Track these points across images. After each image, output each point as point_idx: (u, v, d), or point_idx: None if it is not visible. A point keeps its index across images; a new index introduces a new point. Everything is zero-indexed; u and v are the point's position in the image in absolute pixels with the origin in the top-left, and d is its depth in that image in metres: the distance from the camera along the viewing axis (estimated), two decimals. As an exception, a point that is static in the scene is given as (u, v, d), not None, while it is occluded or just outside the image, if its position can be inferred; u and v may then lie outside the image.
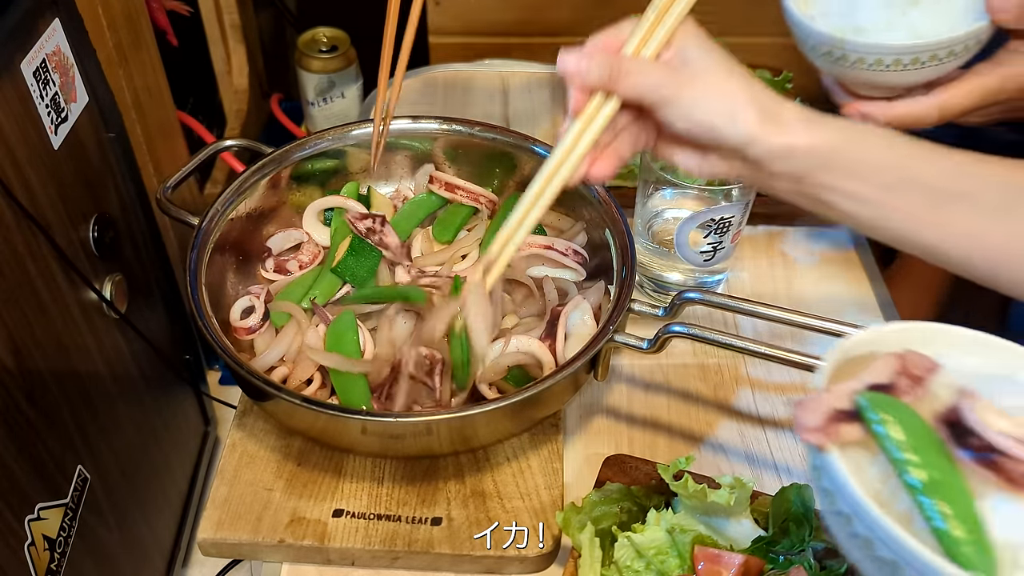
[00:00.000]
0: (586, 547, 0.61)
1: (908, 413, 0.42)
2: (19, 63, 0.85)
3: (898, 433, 0.41)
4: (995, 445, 0.40)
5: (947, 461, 0.41)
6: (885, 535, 0.38)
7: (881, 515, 0.38)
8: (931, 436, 0.41)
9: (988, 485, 0.40)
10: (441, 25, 1.61)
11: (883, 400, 0.42)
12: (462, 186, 0.85)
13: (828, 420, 0.41)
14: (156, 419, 1.25)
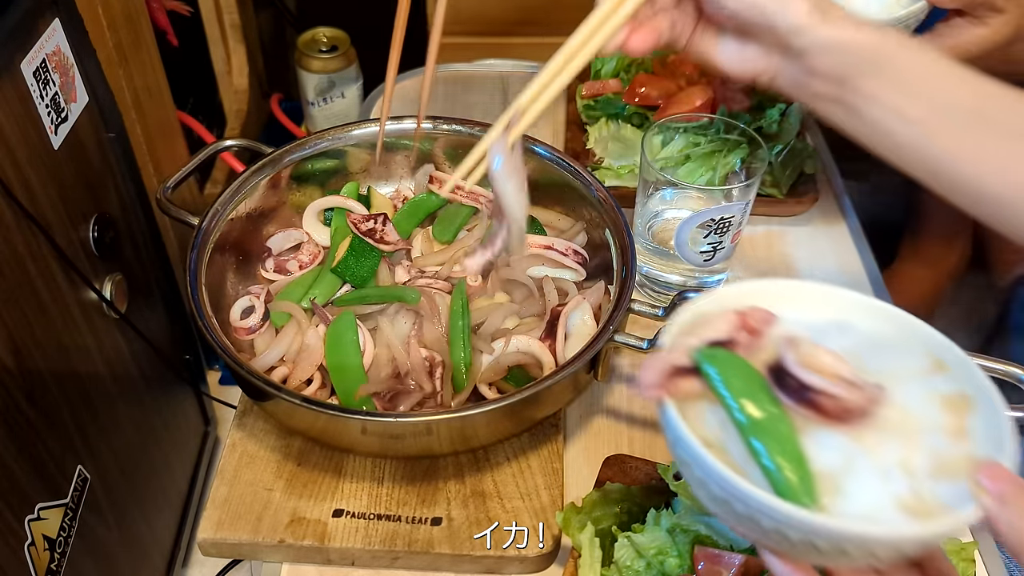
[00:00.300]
0: (586, 547, 0.61)
1: (740, 364, 0.45)
2: (19, 63, 0.85)
3: (729, 382, 0.44)
4: (809, 384, 0.43)
5: (773, 404, 0.44)
6: (715, 474, 0.41)
7: (708, 454, 0.41)
8: (760, 383, 0.45)
9: (809, 422, 0.44)
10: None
11: (717, 354, 0.45)
12: (462, 186, 0.85)
13: (667, 376, 0.45)
14: (156, 419, 1.25)
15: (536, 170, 0.85)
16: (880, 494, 0.42)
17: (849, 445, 0.43)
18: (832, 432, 0.44)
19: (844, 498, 0.42)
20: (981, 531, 0.67)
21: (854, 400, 0.43)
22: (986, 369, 0.65)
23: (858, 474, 0.43)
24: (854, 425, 0.44)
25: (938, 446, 0.44)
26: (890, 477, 0.43)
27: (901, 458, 0.43)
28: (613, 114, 1.00)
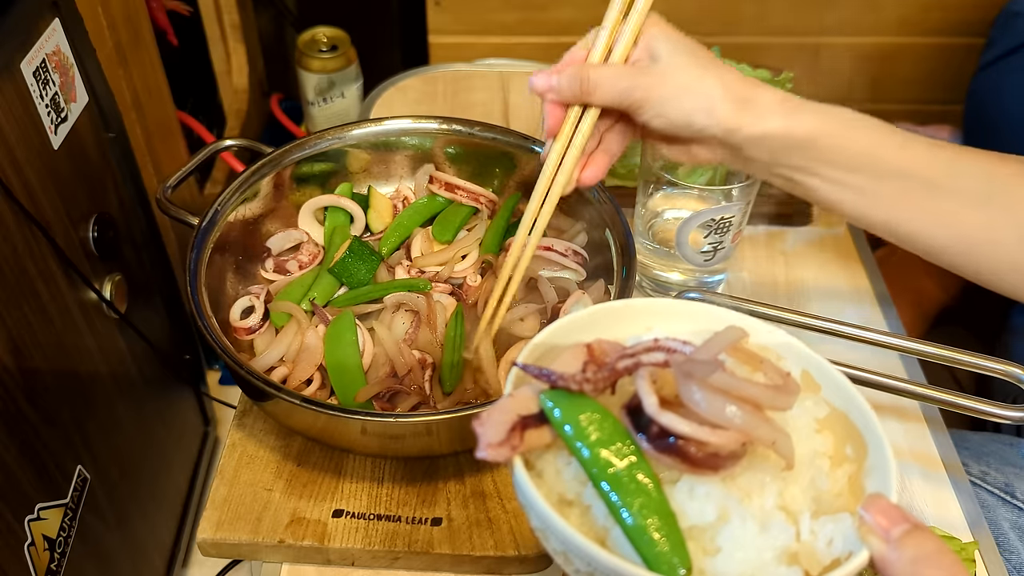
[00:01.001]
0: (586, 547, 0.60)
1: (590, 406, 0.39)
2: (19, 63, 0.85)
3: (578, 428, 0.38)
4: (670, 429, 0.37)
5: (634, 453, 0.38)
6: (575, 547, 0.36)
7: (566, 525, 0.36)
8: (617, 429, 0.39)
9: (674, 471, 0.39)
10: (441, 25, 1.61)
11: (563, 396, 0.39)
12: (462, 186, 0.85)
13: (513, 429, 0.38)
14: (156, 419, 1.25)
15: (536, 170, 0.85)
16: (760, 548, 0.38)
17: (722, 494, 0.39)
18: (702, 481, 0.39)
19: (721, 557, 0.38)
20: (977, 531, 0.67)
21: (723, 444, 0.38)
22: (986, 369, 0.66)
23: (733, 526, 0.38)
24: (728, 468, 0.38)
25: (817, 478, 0.40)
26: (770, 526, 0.38)
27: (781, 500, 0.39)
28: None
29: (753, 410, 0.38)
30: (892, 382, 0.68)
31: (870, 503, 0.37)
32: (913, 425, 0.78)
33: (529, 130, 0.87)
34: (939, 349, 0.67)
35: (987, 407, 0.64)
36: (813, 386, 0.44)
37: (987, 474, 0.82)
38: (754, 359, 0.42)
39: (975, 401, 0.65)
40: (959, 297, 1.31)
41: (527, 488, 0.37)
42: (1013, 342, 1.15)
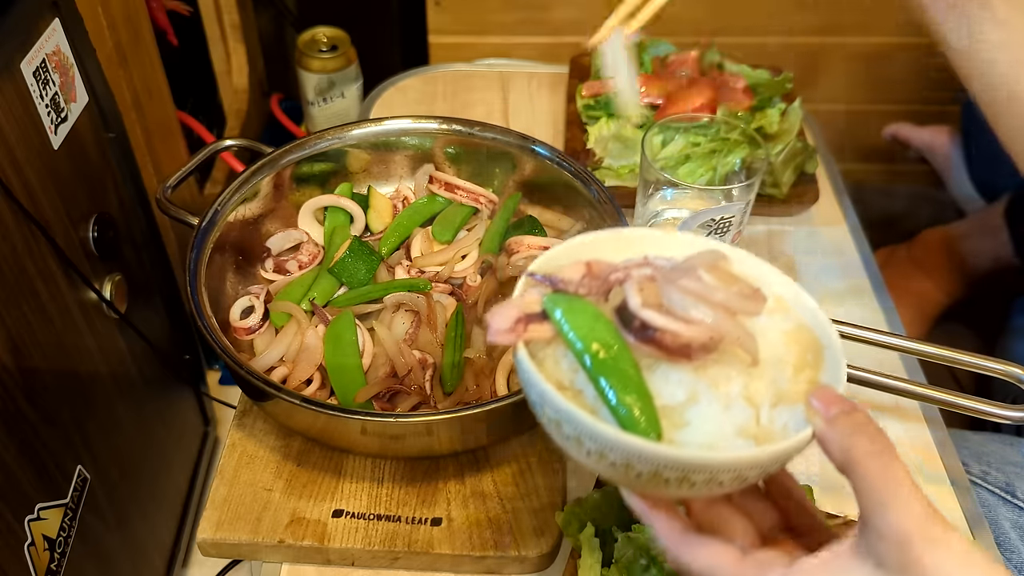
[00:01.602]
0: (586, 547, 0.61)
1: (585, 307, 0.46)
2: (19, 63, 0.85)
3: (574, 324, 0.45)
4: (649, 323, 0.44)
5: (619, 345, 0.45)
6: (563, 412, 0.43)
7: (556, 393, 0.43)
8: (607, 325, 0.46)
9: (653, 359, 0.45)
10: (441, 25, 1.61)
11: (564, 298, 0.47)
12: (462, 186, 0.85)
13: (518, 322, 0.46)
14: (156, 419, 1.25)
15: (536, 170, 0.85)
16: (722, 423, 0.45)
17: (693, 380, 0.45)
18: (677, 369, 0.45)
19: (688, 429, 0.45)
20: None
21: (694, 336, 0.44)
22: (986, 369, 0.66)
23: (701, 406, 0.45)
24: (699, 360, 0.45)
25: (779, 378, 0.46)
26: (732, 408, 0.45)
27: (745, 391, 0.46)
28: (613, 114, 1.00)
29: (724, 312, 0.45)
30: (892, 382, 0.68)
31: (818, 391, 0.43)
32: (913, 425, 0.78)
33: (529, 130, 0.87)
34: (939, 349, 0.68)
35: (987, 407, 0.64)
36: (784, 307, 0.50)
37: (987, 474, 0.82)
38: (731, 278, 0.47)
39: (975, 401, 0.65)
40: (959, 298, 1.31)
41: (527, 366, 0.44)
42: (1013, 342, 1.15)
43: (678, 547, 0.46)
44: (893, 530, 0.39)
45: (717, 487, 0.43)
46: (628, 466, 0.42)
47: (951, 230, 1.32)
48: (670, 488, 0.43)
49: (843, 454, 0.41)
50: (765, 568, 0.44)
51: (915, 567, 0.39)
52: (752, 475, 0.44)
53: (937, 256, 1.30)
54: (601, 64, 0.60)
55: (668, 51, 1.06)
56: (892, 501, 0.40)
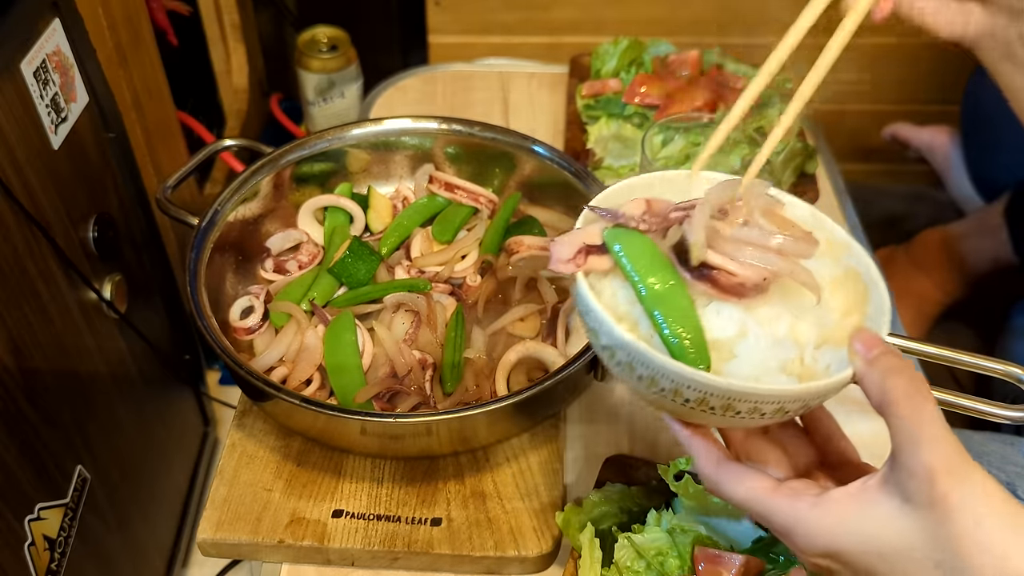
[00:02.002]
0: (586, 548, 0.60)
1: (643, 241, 0.49)
2: (19, 63, 0.85)
3: (633, 257, 0.48)
4: (707, 261, 0.47)
5: (674, 279, 0.48)
6: (619, 340, 0.45)
7: (612, 320, 0.46)
8: (663, 260, 0.48)
9: (707, 296, 0.48)
10: (441, 25, 1.61)
11: (623, 232, 0.49)
12: (462, 186, 0.85)
13: (579, 252, 0.48)
14: (156, 419, 1.25)
15: (536, 170, 0.85)
16: (767, 359, 0.47)
17: (743, 316, 0.48)
18: (728, 305, 0.48)
19: (736, 362, 0.47)
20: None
21: (748, 276, 0.47)
22: (986, 369, 0.66)
23: (749, 341, 0.47)
24: (751, 299, 0.47)
25: (825, 320, 0.49)
26: (779, 345, 0.47)
27: (790, 330, 0.48)
28: (613, 114, 1.00)
29: (778, 255, 0.47)
30: (892, 382, 0.68)
31: (859, 333, 0.45)
32: (913, 425, 0.77)
33: (529, 130, 0.87)
34: (939, 349, 0.67)
35: (987, 407, 0.64)
36: (835, 252, 0.52)
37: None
38: (785, 222, 0.50)
39: (975, 401, 0.65)
40: (959, 297, 1.31)
41: (586, 294, 0.47)
42: (1013, 342, 1.15)
43: (716, 473, 0.48)
44: (922, 467, 0.41)
45: (759, 417, 0.46)
46: (676, 392, 0.45)
47: (951, 230, 1.32)
48: (715, 416, 0.46)
49: (881, 394, 0.43)
50: (797, 496, 0.45)
51: (941, 503, 0.41)
52: (793, 408, 0.46)
53: (937, 256, 1.30)
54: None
55: (668, 51, 1.06)
56: (922, 439, 0.41)
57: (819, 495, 0.45)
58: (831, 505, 0.44)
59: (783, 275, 0.47)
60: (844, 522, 0.44)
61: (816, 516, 0.44)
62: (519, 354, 0.73)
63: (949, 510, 0.40)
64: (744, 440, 0.52)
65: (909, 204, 1.51)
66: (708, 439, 0.49)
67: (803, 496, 0.45)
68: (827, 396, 0.47)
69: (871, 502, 0.43)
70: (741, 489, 0.47)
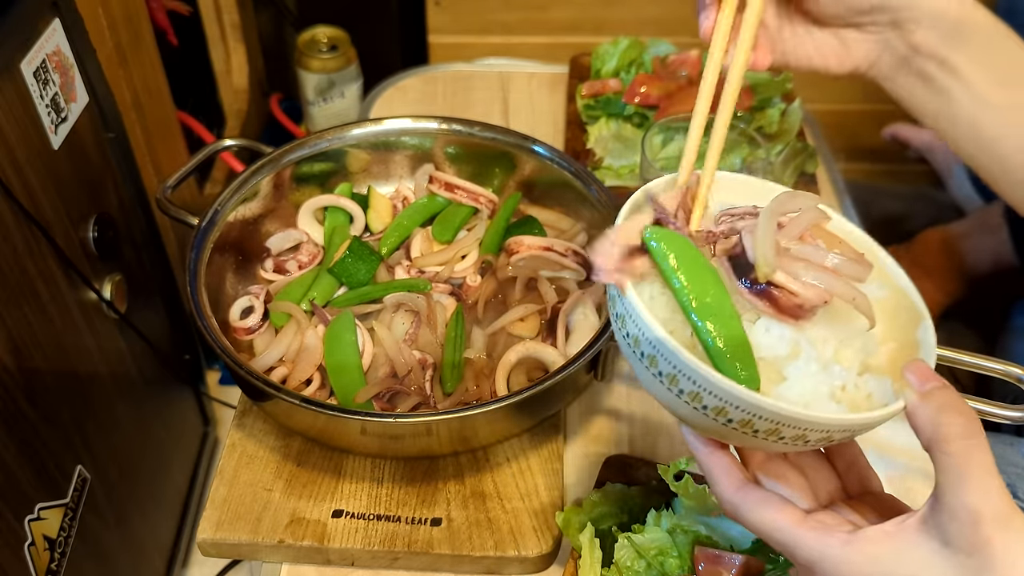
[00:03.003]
0: (586, 548, 0.60)
1: (686, 245, 0.46)
2: (19, 63, 0.85)
3: (679, 262, 0.45)
4: (774, 280, 0.45)
5: (718, 288, 0.45)
6: (667, 350, 0.43)
7: (663, 331, 0.43)
8: (705, 265, 0.46)
9: (761, 312, 0.45)
10: (441, 25, 1.61)
11: (666, 234, 0.46)
12: (462, 186, 0.85)
13: (623, 257, 0.46)
14: (156, 419, 1.25)
15: (536, 170, 0.85)
16: (818, 383, 0.45)
17: (796, 336, 0.45)
18: (781, 323, 0.45)
19: (786, 385, 0.45)
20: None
21: (809, 298, 0.45)
22: (986, 369, 0.66)
23: (800, 363, 0.45)
24: (804, 320, 0.45)
25: (868, 347, 0.47)
26: (828, 370, 0.45)
27: (835, 355, 0.46)
28: (613, 114, 1.00)
29: (835, 274, 0.46)
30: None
31: (912, 365, 0.43)
32: (913, 425, 0.77)
33: (529, 130, 0.87)
34: (939, 349, 0.67)
35: (987, 407, 0.64)
36: (882, 274, 0.51)
37: (987, 474, 0.82)
38: (833, 239, 0.48)
39: (975, 401, 0.65)
40: (959, 297, 1.31)
41: (634, 301, 0.44)
42: (1013, 342, 1.15)
43: (737, 498, 0.46)
44: (967, 509, 0.39)
45: (802, 444, 0.44)
46: (721, 411, 0.43)
47: (951, 230, 1.32)
48: (757, 437, 0.44)
49: (932, 430, 0.41)
50: (827, 532, 0.43)
51: (984, 548, 0.39)
52: (838, 437, 0.44)
53: (937, 256, 1.30)
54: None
55: (668, 51, 1.06)
56: (971, 481, 0.39)
57: (852, 532, 0.43)
58: (864, 544, 0.42)
59: (842, 298, 0.45)
60: (878, 562, 0.41)
61: (847, 554, 0.42)
62: (519, 354, 0.73)
63: (992, 556, 0.38)
64: (765, 462, 0.49)
65: (909, 204, 1.51)
66: (728, 459, 0.47)
67: (834, 532, 0.43)
68: (874, 427, 0.45)
69: (909, 543, 0.41)
70: (766, 518, 0.45)
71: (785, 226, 0.47)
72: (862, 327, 0.47)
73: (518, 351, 0.73)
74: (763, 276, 0.45)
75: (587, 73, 1.09)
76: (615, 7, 1.56)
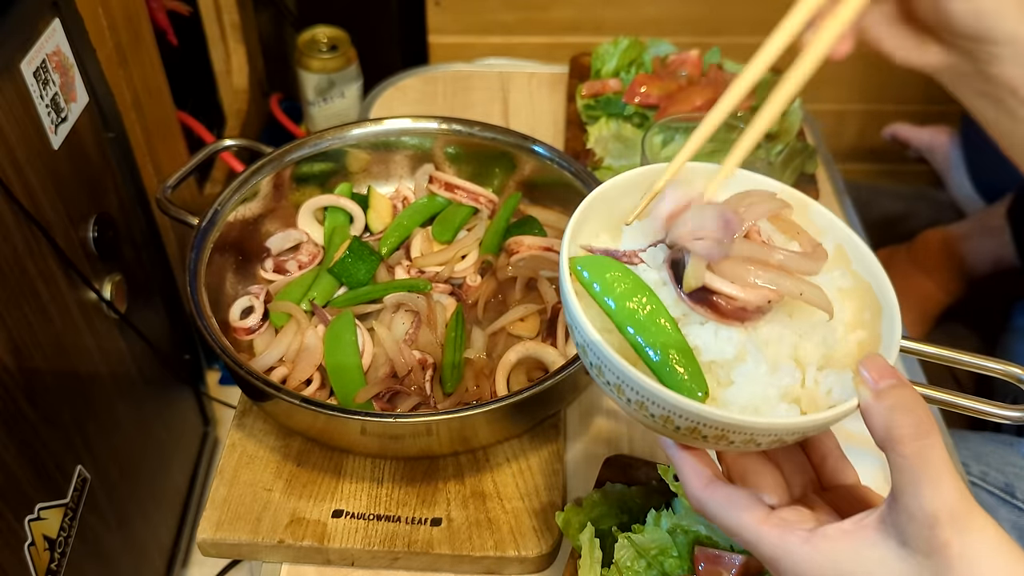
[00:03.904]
0: (586, 548, 0.60)
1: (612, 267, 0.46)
2: (19, 63, 0.85)
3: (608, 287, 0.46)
4: (708, 286, 0.44)
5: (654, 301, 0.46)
6: (607, 360, 0.43)
7: (601, 340, 0.43)
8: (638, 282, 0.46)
9: (702, 317, 0.45)
10: (441, 25, 1.61)
11: (588, 259, 0.47)
12: (462, 186, 0.85)
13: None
14: (156, 419, 1.25)
15: (536, 170, 0.85)
16: (767, 386, 0.44)
17: (743, 339, 0.45)
18: (728, 327, 0.45)
19: (733, 388, 0.45)
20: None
21: (750, 300, 0.44)
22: (986, 369, 0.66)
23: (748, 366, 0.45)
24: (752, 320, 0.45)
25: (830, 338, 0.46)
26: (779, 370, 0.45)
27: (794, 352, 0.45)
28: (613, 114, 1.00)
29: (780, 271, 0.45)
30: (892, 382, 0.68)
31: (868, 360, 0.42)
32: (913, 425, 0.77)
33: (529, 130, 0.87)
34: (939, 349, 0.67)
35: (987, 407, 0.64)
36: (844, 259, 0.49)
37: (987, 474, 0.82)
38: (792, 228, 0.48)
39: (975, 401, 0.65)
40: (960, 298, 1.31)
41: (574, 308, 0.45)
42: (1013, 342, 1.15)
43: (704, 495, 0.46)
44: (924, 511, 0.39)
45: (754, 446, 0.44)
46: (667, 419, 0.43)
47: (952, 230, 1.32)
48: (707, 443, 0.44)
49: (885, 430, 0.40)
50: (788, 529, 0.43)
51: (942, 551, 0.38)
52: (791, 439, 0.44)
53: (937, 256, 1.30)
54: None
55: (668, 51, 1.06)
56: (926, 482, 0.39)
57: (811, 530, 0.43)
58: (823, 542, 0.42)
59: (789, 294, 0.45)
60: (835, 562, 0.41)
61: (806, 552, 0.42)
62: (519, 354, 0.73)
63: (949, 559, 0.38)
64: (738, 459, 0.49)
65: (909, 204, 1.51)
66: (698, 457, 0.47)
67: (794, 529, 0.43)
68: (827, 428, 0.45)
69: (866, 542, 0.41)
70: (731, 515, 0.45)
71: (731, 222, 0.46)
72: (823, 319, 0.46)
73: (518, 351, 0.73)
74: (687, 287, 0.45)
75: (587, 73, 1.09)
76: (615, 7, 1.56)
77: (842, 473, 0.49)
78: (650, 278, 0.47)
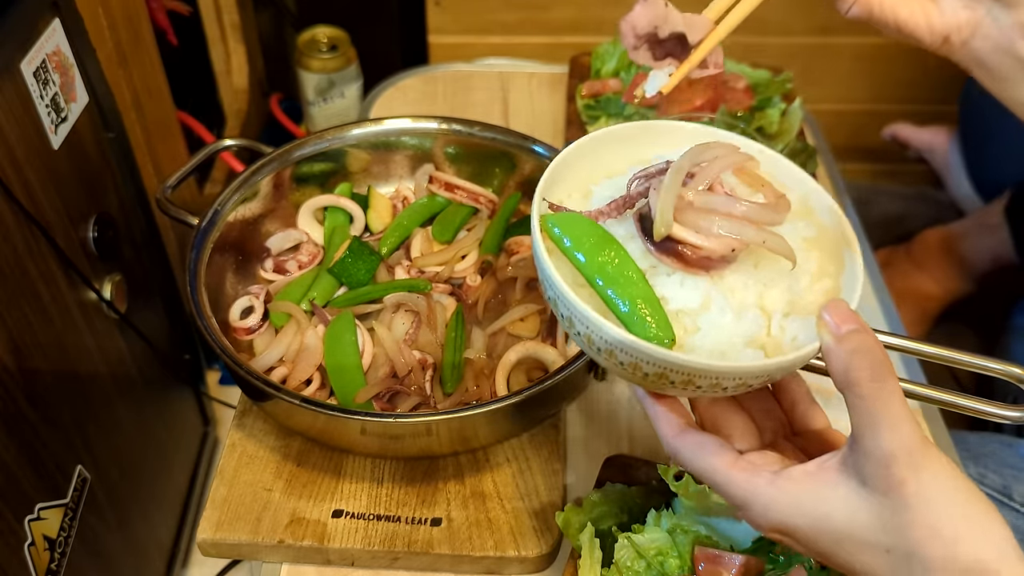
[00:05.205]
0: (586, 548, 0.60)
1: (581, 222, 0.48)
2: (19, 63, 0.85)
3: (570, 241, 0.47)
4: (673, 236, 0.46)
5: (621, 255, 0.47)
6: (576, 310, 0.45)
7: (569, 291, 0.45)
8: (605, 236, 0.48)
9: (669, 268, 0.47)
10: (441, 25, 1.61)
11: (559, 217, 0.49)
12: (462, 186, 0.85)
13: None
14: (156, 419, 1.25)
15: (536, 170, 0.85)
16: (732, 332, 0.46)
17: (708, 287, 0.47)
18: (694, 276, 0.47)
19: (699, 335, 0.46)
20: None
21: (714, 249, 0.46)
22: (986, 369, 0.66)
23: (713, 314, 0.46)
24: (718, 269, 0.47)
25: (795, 287, 0.48)
26: (744, 317, 0.46)
27: (760, 300, 0.47)
28: (613, 114, 1.00)
29: (743, 221, 0.46)
30: (892, 382, 0.68)
31: (831, 305, 0.44)
32: (913, 425, 0.77)
33: (529, 130, 0.87)
34: (939, 349, 0.67)
35: (987, 407, 0.64)
36: (808, 210, 0.51)
37: (985, 476, 0.82)
38: (757, 180, 0.49)
39: (975, 401, 0.64)
40: (959, 297, 1.31)
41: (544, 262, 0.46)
42: (1013, 342, 1.15)
43: (676, 442, 0.48)
44: (880, 451, 0.40)
45: (721, 391, 0.46)
46: (636, 366, 0.45)
47: (951, 230, 1.32)
48: (676, 388, 0.46)
49: (844, 373, 0.42)
50: (756, 470, 0.45)
51: (899, 488, 0.40)
52: (756, 383, 0.46)
53: (937, 256, 1.30)
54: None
55: (668, 51, 1.06)
56: (882, 423, 0.40)
57: (777, 472, 0.44)
58: (787, 483, 0.44)
59: (752, 242, 0.46)
60: (799, 502, 0.43)
61: (772, 493, 0.44)
62: (519, 354, 0.73)
63: (905, 497, 0.40)
64: (710, 406, 0.51)
65: (909, 204, 1.51)
66: (671, 406, 0.49)
67: (761, 471, 0.45)
68: (791, 370, 0.46)
69: (828, 483, 0.43)
70: (702, 461, 0.47)
71: (695, 176, 0.48)
72: (788, 268, 0.47)
73: (518, 351, 0.73)
74: (657, 235, 0.46)
75: (587, 73, 1.09)
76: (615, 7, 1.56)
77: (812, 418, 0.51)
78: (618, 232, 0.49)
